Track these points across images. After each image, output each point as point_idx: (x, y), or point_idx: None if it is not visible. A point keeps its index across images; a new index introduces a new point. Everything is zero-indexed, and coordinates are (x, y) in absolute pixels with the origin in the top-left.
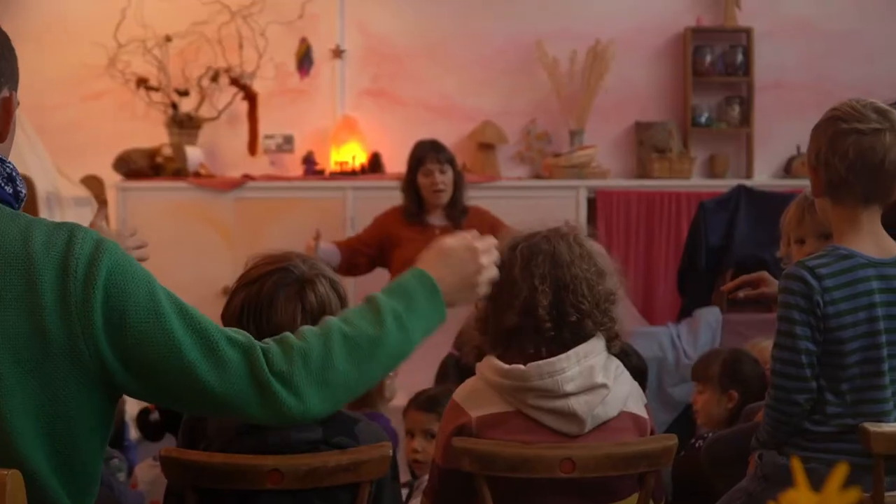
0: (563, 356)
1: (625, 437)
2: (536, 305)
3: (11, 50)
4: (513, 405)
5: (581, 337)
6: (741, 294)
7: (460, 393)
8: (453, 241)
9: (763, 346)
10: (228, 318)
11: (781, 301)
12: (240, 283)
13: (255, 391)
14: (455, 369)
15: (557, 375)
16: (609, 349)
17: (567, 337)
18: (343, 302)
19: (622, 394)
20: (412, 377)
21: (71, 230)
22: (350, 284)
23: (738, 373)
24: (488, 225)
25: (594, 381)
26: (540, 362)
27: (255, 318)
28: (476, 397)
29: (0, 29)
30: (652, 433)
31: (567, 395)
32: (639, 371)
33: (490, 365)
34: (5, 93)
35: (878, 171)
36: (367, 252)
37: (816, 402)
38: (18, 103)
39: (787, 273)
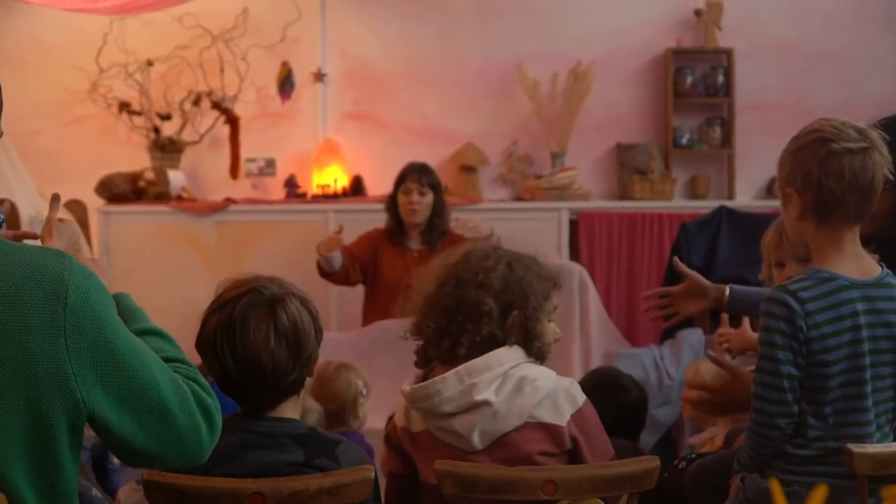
0: (438, 378)
1: (530, 447)
2: (448, 311)
3: None
4: (423, 423)
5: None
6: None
7: (398, 409)
8: None
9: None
10: (203, 343)
11: (764, 325)
12: (211, 307)
13: (204, 420)
14: None
15: (434, 397)
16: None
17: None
18: (315, 320)
19: (523, 406)
20: (386, 397)
21: (60, 257)
22: (332, 298)
23: None
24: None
25: (473, 399)
26: (418, 385)
27: (230, 341)
28: (403, 412)
29: None
30: (576, 441)
31: (447, 415)
32: (639, 403)
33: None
34: None
35: (867, 191)
36: (361, 262)
37: (798, 426)
38: (2, 133)
39: (770, 297)
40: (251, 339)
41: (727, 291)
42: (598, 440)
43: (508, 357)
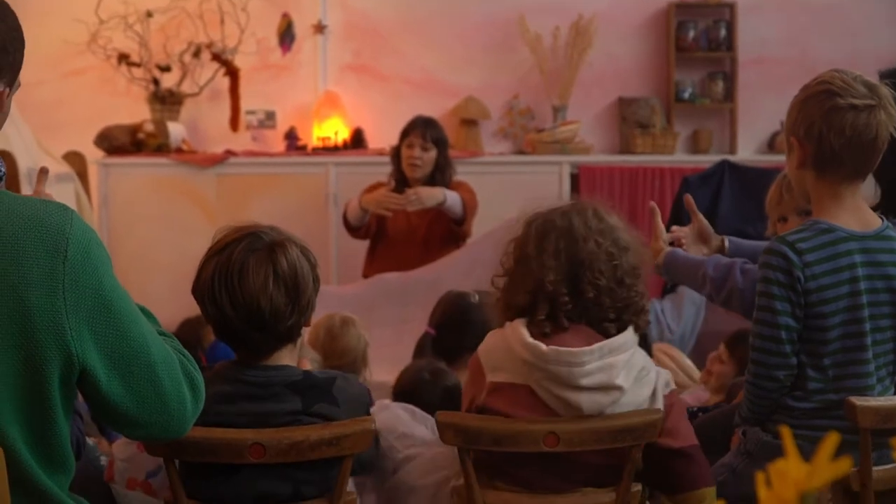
0: (586, 349)
1: None
2: (544, 280)
3: (15, 41)
4: (525, 379)
5: (598, 315)
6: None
7: (485, 348)
8: None
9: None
10: (200, 288)
11: (762, 276)
12: (209, 253)
13: (190, 392)
14: (431, 348)
15: (575, 367)
16: (638, 329)
17: (582, 313)
18: (314, 269)
19: (639, 398)
20: (390, 350)
21: (64, 210)
22: (332, 252)
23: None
24: None
25: (612, 381)
26: (561, 348)
27: (227, 285)
28: (496, 358)
29: (11, 19)
30: (663, 429)
31: (579, 388)
32: None
33: (516, 331)
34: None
35: (870, 149)
36: (373, 215)
37: (797, 378)
38: (20, 84)
39: (768, 248)
40: (249, 282)
41: (726, 242)
42: (678, 426)
43: (631, 340)
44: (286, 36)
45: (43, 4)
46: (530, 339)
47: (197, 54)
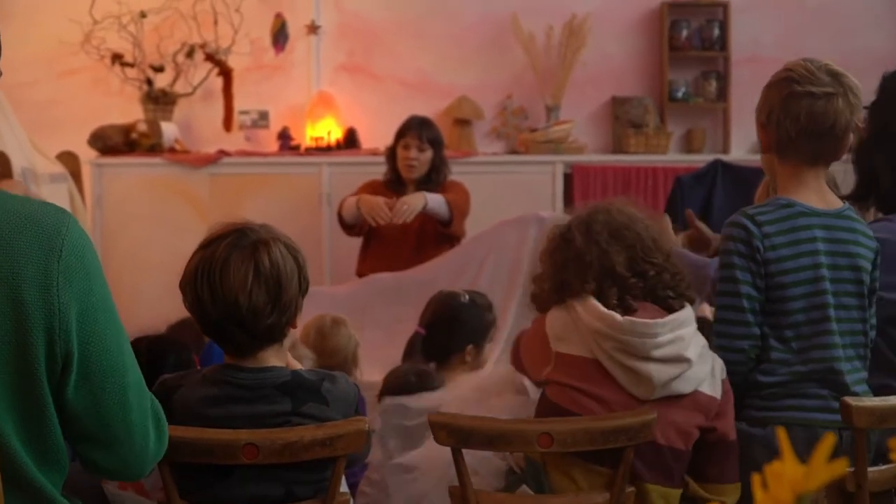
0: (659, 321)
1: (689, 417)
2: (613, 264)
3: None
4: (592, 352)
5: (661, 293)
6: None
7: (549, 321)
8: None
9: None
10: (185, 280)
11: (723, 249)
12: (198, 247)
13: (154, 429)
14: (420, 347)
15: (648, 339)
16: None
17: (647, 292)
18: (300, 269)
19: (702, 373)
20: (383, 350)
21: (62, 212)
22: (325, 252)
23: None
24: None
25: (683, 353)
26: (636, 319)
27: (209, 280)
28: (564, 332)
29: None
30: (719, 411)
31: (650, 359)
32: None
33: (587, 305)
34: None
35: (827, 136)
36: None
37: (762, 351)
38: (1, 73)
39: (729, 221)
40: (230, 278)
41: None
42: (731, 416)
43: (691, 315)
44: (279, 36)
45: (36, 4)
46: (605, 310)
47: (190, 54)
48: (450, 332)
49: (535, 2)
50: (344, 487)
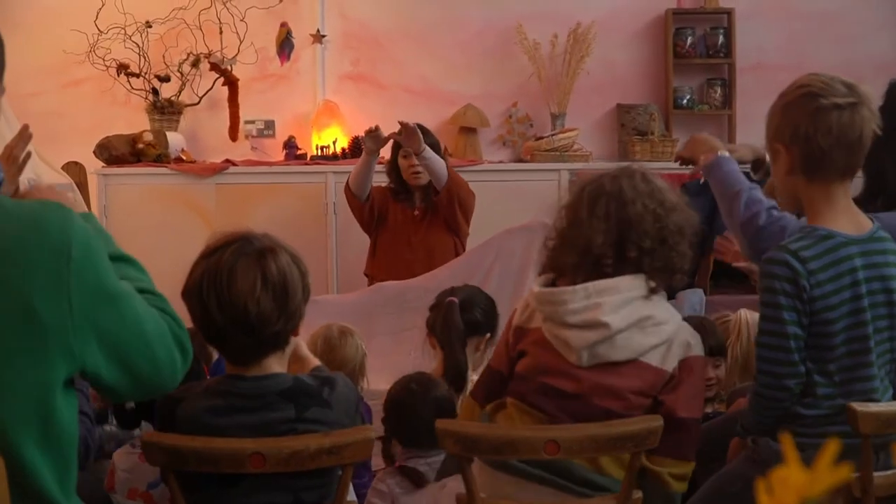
0: (568, 288)
1: (625, 382)
2: (591, 244)
3: None
4: (538, 323)
5: (649, 269)
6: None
7: (520, 303)
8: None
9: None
10: (189, 290)
11: (766, 286)
12: (200, 256)
13: (179, 353)
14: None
15: (559, 306)
16: (670, 287)
17: (619, 272)
18: (304, 278)
19: (644, 343)
20: (389, 358)
21: (61, 211)
22: (332, 260)
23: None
24: None
25: (599, 318)
26: (546, 290)
27: (216, 287)
28: (524, 308)
29: None
30: (669, 386)
31: (566, 325)
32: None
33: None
34: None
35: (856, 146)
36: (378, 203)
37: (806, 386)
38: (4, 90)
39: (770, 258)
40: (238, 286)
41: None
42: (692, 394)
43: (634, 285)
44: (285, 45)
45: (42, 15)
46: (536, 288)
47: (196, 64)
48: (486, 313)
49: (539, 10)
50: (352, 496)
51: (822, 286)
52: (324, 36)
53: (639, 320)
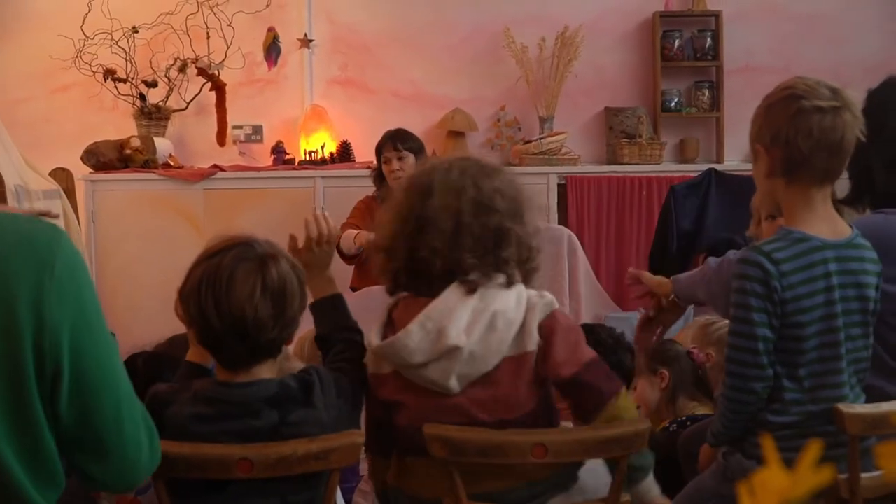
0: (402, 333)
1: (512, 382)
2: (385, 246)
3: None
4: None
5: (426, 279)
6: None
7: (367, 357)
8: None
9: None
10: (187, 292)
11: (737, 287)
12: (199, 258)
13: (147, 440)
14: None
15: (402, 352)
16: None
17: (416, 275)
18: (302, 287)
19: (500, 343)
20: None
21: (54, 229)
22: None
23: (663, 352)
24: None
25: (445, 345)
26: (384, 343)
27: (214, 291)
28: (371, 359)
29: None
30: (540, 360)
31: (419, 366)
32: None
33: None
34: None
35: (837, 150)
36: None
37: (773, 390)
38: None
39: (743, 258)
40: (237, 290)
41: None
42: (568, 348)
43: (454, 295)
44: (272, 50)
45: (28, 21)
46: (373, 343)
47: (183, 69)
48: None
49: (527, 14)
50: (339, 501)
51: (795, 288)
52: (311, 40)
53: (488, 323)
